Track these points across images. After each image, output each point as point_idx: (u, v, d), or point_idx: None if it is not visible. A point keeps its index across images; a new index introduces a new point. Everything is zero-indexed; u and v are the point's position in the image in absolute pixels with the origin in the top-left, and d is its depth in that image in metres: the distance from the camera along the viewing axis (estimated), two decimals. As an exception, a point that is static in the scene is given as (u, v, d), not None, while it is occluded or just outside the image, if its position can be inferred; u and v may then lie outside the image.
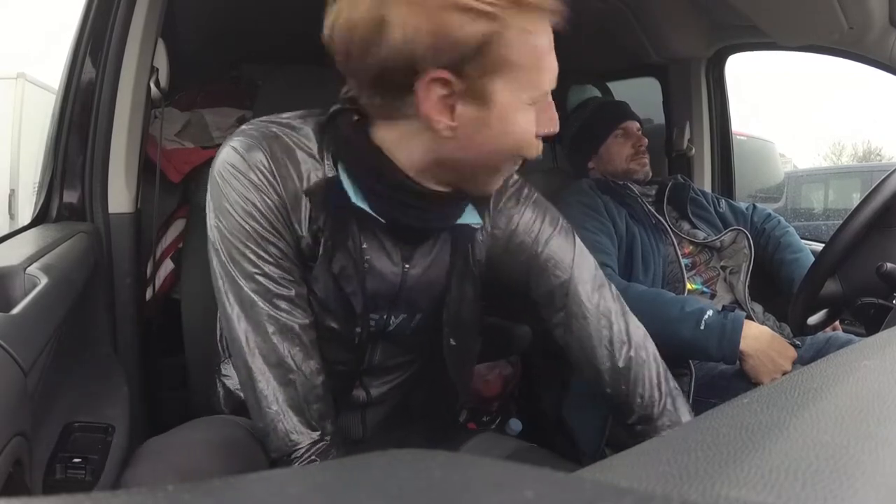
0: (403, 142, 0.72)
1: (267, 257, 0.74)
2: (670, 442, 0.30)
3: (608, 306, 0.87)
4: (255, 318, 0.75)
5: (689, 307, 1.30)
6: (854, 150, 13.48)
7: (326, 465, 0.23)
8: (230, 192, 0.73)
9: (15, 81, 5.13)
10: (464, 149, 0.70)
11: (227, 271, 0.75)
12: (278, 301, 0.75)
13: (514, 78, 0.67)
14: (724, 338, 1.24)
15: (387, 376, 0.91)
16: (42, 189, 1.14)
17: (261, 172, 0.73)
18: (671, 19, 1.81)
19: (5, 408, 0.59)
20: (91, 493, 0.24)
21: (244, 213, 0.73)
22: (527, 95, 0.69)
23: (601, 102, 1.82)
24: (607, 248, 1.47)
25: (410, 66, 0.64)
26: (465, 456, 0.24)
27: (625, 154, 1.65)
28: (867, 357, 0.41)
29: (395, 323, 0.85)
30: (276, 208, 0.73)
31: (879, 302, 1.09)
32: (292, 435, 0.75)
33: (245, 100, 1.77)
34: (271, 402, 0.75)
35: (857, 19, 1.30)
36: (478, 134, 0.69)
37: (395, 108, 0.69)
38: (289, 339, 0.75)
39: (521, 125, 0.70)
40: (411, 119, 0.69)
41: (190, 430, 0.86)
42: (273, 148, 0.74)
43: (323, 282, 0.77)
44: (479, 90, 0.67)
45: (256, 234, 0.73)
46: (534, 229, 0.86)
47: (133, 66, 1.14)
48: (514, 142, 0.71)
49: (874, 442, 0.27)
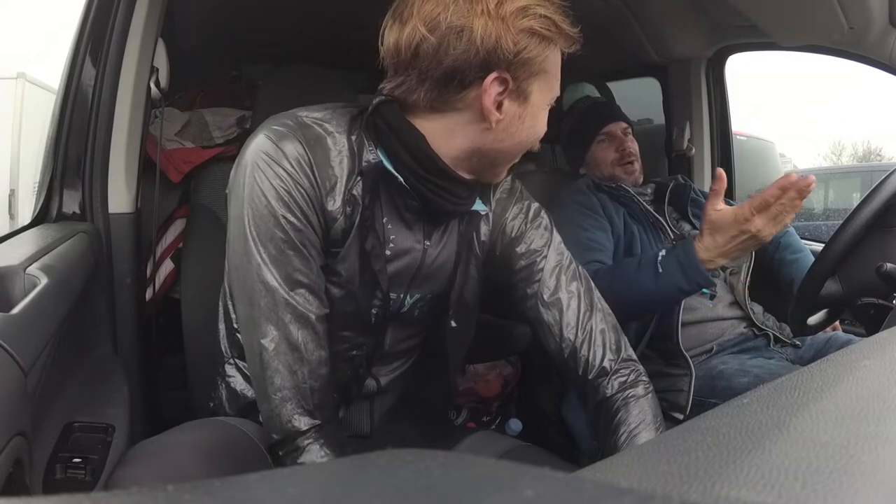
0: (447, 132, 0.81)
1: (293, 244, 0.79)
2: (670, 442, 0.30)
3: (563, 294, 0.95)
4: (274, 304, 0.79)
5: (644, 259, 1.27)
6: (854, 150, 13.49)
7: (326, 465, 0.23)
8: (263, 179, 0.78)
9: (15, 81, 5.13)
10: (501, 140, 0.82)
11: (250, 255, 0.79)
12: (298, 289, 0.80)
13: (545, 82, 0.82)
14: (685, 268, 1.19)
15: (394, 363, 0.96)
16: (42, 189, 1.14)
17: (295, 160, 0.78)
18: (671, 19, 1.80)
19: (5, 408, 0.59)
20: (91, 493, 0.24)
21: (276, 199, 0.78)
22: (547, 98, 0.84)
23: (585, 106, 1.79)
24: (600, 245, 1.47)
25: (484, 67, 0.76)
26: (465, 456, 0.24)
27: (610, 159, 1.64)
28: (867, 357, 0.41)
29: (409, 303, 0.91)
30: (308, 195, 0.79)
31: (879, 302, 1.10)
32: (294, 421, 0.80)
33: (245, 100, 1.78)
34: (278, 387, 0.80)
35: (857, 19, 1.30)
36: (513, 127, 0.82)
37: (448, 102, 0.79)
38: (303, 327, 0.80)
39: (541, 122, 0.85)
40: (460, 112, 0.80)
41: (184, 433, 0.86)
42: (307, 136, 0.80)
43: (350, 261, 0.83)
44: (523, 90, 0.80)
45: (286, 221, 0.78)
46: (519, 218, 0.98)
47: (133, 66, 1.14)
48: (535, 136, 0.85)
49: (874, 442, 0.27)
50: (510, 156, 0.86)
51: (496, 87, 0.78)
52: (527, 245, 0.96)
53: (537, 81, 0.81)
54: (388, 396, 0.99)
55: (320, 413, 0.82)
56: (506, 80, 0.78)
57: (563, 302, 0.94)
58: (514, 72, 0.78)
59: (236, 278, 0.82)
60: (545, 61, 0.80)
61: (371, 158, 0.82)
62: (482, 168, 0.86)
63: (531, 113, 0.82)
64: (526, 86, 0.80)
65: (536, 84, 0.81)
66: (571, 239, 1.49)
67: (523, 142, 0.84)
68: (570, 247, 1.48)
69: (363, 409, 0.96)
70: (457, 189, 0.85)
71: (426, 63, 0.77)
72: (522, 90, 0.80)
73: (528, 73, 0.79)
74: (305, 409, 0.81)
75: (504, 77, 0.78)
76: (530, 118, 0.83)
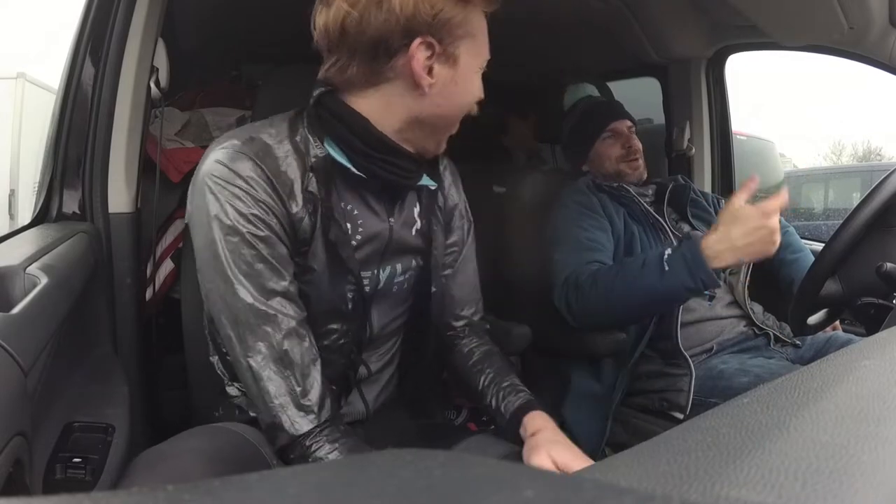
0: (385, 106, 0.85)
1: (262, 257, 0.81)
2: (670, 442, 0.30)
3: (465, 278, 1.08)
4: (254, 318, 0.81)
5: (648, 258, 1.28)
6: (854, 150, 13.49)
7: (326, 465, 0.23)
8: (223, 202, 0.80)
9: (15, 81, 5.13)
10: (438, 105, 0.86)
11: (223, 277, 0.81)
12: (273, 298, 0.82)
13: (472, 46, 0.86)
14: (691, 266, 1.20)
15: (383, 347, 1.00)
16: (42, 189, 1.14)
17: (248, 177, 0.80)
18: (671, 19, 1.81)
19: (5, 408, 0.59)
20: (91, 493, 0.24)
21: (239, 218, 0.80)
22: (477, 62, 0.88)
23: (590, 103, 1.80)
24: (601, 245, 1.47)
25: (407, 32, 0.80)
26: (465, 456, 0.24)
27: (614, 155, 1.64)
28: (867, 357, 0.41)
29: (384, 278, 0.94)
30: (268, 207, 0.81)
31: (879, 302, 1.10)
32: (296, 424, 0.82)
33: (245, 100, 1.78)
34: (273, 395, 0.82)
35: (857, 19, 1.30)
36: (448, 91, 0.85)
37: (380, 74, 0.83)
38: (286, 334, 0.82)
39: (475, 85, 0.89)
40: (393, 82, 0.83)
41: (189, 439, 0.86)
42: (254, 149, 0.82)
43: (319, 255, 0.86)
44: (451, 54, 0.83)
45: (252, 237, 0.81)
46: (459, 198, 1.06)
47: (133, 66, 1.14)
48: (470, 99, 0.89)
49: (874, 442, 0.27)
50: (449, 121, 0.89)
51: (423, 51, 0.81)
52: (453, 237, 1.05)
53: (464, 44, 0.84)
54: (378, 383, 1.01)
55: (321, 410, 0.83)
56: (432, 45, 0.81)
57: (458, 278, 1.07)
58: (438, 36, 0.81)
59: (214, 302, 0.84)
60: (468, 24, 0.84)
61: (318, 153, 0.85)
62: (424, 138, 0.89)
63: (463, 76, 0.86)
64: (453, 49, 0.83)
65: (464, 47, 0.84)
66: (572, 238, 1.49)
67: (460, 105, 0.88)
68: (571, 246, 1.49)
69: (356, 396, 0.98)
70: (403, 163, 0.88)
71: (352, 37, 0.81)
72: (451, 53, 0.83)
73: (454, 36, 0.83)
74: (305, 410, 0.82)
75: (429, 41, 0.81)
76: (464, 81, 0.86)
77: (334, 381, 0.91)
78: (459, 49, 0.84)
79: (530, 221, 1.73)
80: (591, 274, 1.39)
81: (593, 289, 1.37)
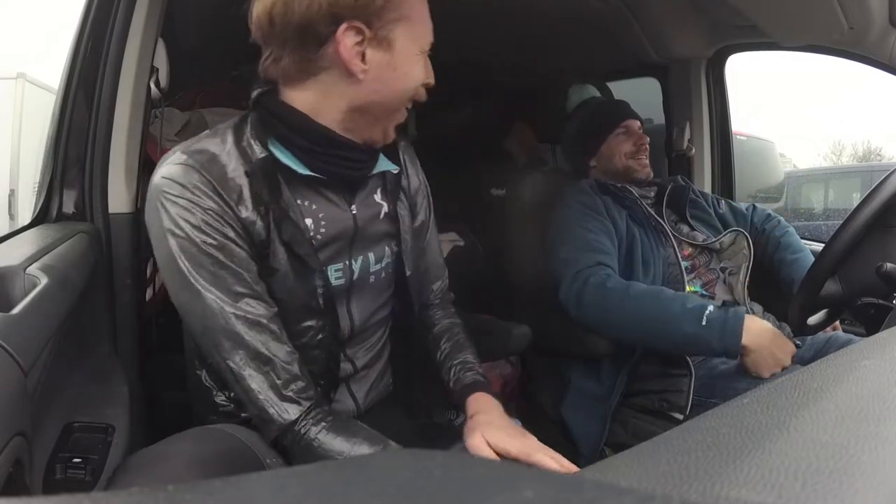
0: (324, 97, 0.85)
1: (222, 263, 0.82)
2: (670, 442, 0.30)
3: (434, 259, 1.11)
4: (225, 322, 0.83)
5: (691, 303, 1.31)
6: (854, 150, 13.49)
7: (326, 465, 0.23)
8: (174, 216, 0.81)
9: (15, 81, 5.13)
10: (376, 91, 0.84)
11: (189, 286, 0.82)
12: (241, 300, 0.83)
13: (409, 29, 0.84)
14: (725, 332, 1.25)
15: (368, 340, 1.00)
16: (42, 189, 1.14)
17: (195, 188, 0.81)
18: (671, 19, 1.81)
19: (5, 408, 0.59)
20: (91, 493, 0.24)
21: (192, 229, 0.81)
22: (417, 45, 0.86)
23: (604, 101, 1.82)
24: (607, 248, 1.47)
25: (332, 17, 0.79)
26: (465, 456, 0.24)
27: (625, 151, 1.66)
28: (867, 357, 0.41)
29: (358, 269, 0.95)
30: (217, 214, 0.82)
31: (879, 302, 1.10)
32: (284, 415, 0.84)
33: (245, 100, 1.77)
34: (258, 391, 0.84)
35: (857, 19, 1.30)
36: (385, 76, 0.84)
37: (313, 62, 0.82)
38: (258, 332, 0.84)
39: (416, 70, 0.86)
40: (328, 71, 0.83)
41: (183, 442, 0.85)
42: (200, 160, 0.83)
43: (279, 255, 0.86)
44: (383, 37, 0.82)
45: (206, 245, 0.82)
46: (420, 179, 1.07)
47: (133, 66, 1.14)
48: (411, 84, 0.87)
49: (874, 442, 0.27)
50: (391, 108, 0.88)
51: (352, 37, 0.80)
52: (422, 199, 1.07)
53: (399, 27, 0.83)
54: (366, 379, 1.01)
55: (305, 399, 0.85)
56: (360, 29, 0.80)
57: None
58: (366, 19, 0.80)
59: (185, 312, 0.85)
60: (400, 7, 0.82)
61: (259, 155, 0.85)
62: (368, 126, 0.88)
63: (401, 60, 0.84)
64: (386, 33, 0.82)
65: (399, 30, 0.83)
66: (577, 238, 1.49)
67: (401, 90, 0.86)
68: (577, 245, 1.49)
69: (344, 393, 0.99)
70: (353, 155, 0.89)
71: (280, 27, 0.81)
72: (383, 37, 0.82)
73: (385, 20, 0.82)
74: (289, 401, 0.85)
75: (357, 26, 0.80)
76: (402, 65, 0.84)
77: (319, 377, 0.92)
78: (394, 32, 0.82)
79: (530, 222, 1.73)
80: (616, 279, 1.39)
81: (616, 296, 1.37)
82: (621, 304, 1.36)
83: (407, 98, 0.88)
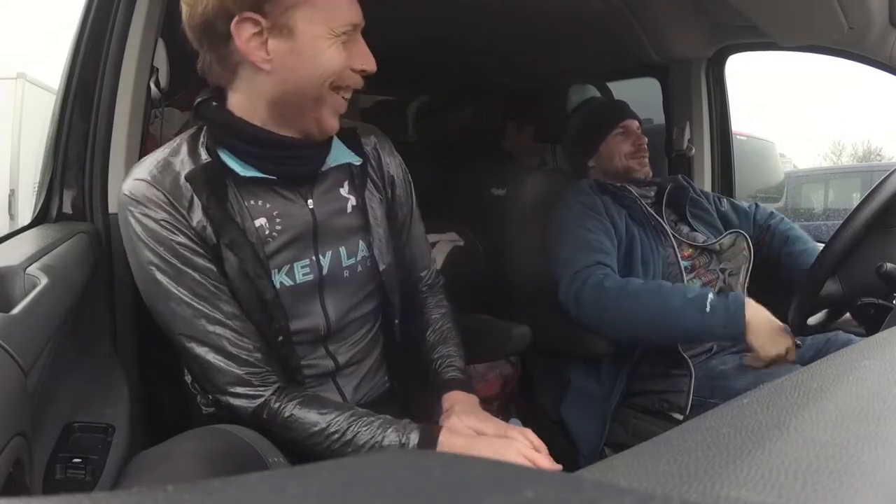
0: (248, 96, 0.87)
1: (179, 269, 0.86)
2: (670, 442, 0.30)
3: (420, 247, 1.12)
4: (186, 321, 0.87)
5: (691, 293, 1.32)
6: (854, 150, 13.50)
7: (326, 465, 0.23)
8: (135, 229, 0.86)
9: (15, 81, 5.13)
10: (286, 80, 0.84)
11: (154, 290, 0.88)
12: (201, 301, 0.87)
13: (310, 13, 0.82)
14: (728, 317, 1.26)
15: (351, 337, 1.01)
16: (42, 189, 1.14)
17: (147, 200, 0.85)
18: (671, 19, 1.80)
19: (5, 408, 0.59)
20: (91, 493, 0.24)
21: (149, 238, 0.86)
22: (326, 28, 0.83)
23: (602, 101, 1.82)
24: (606, 248, 1.47)
25: (224, 12, 0.80)
26: (465, 456, 0.24)
27: (624, 151, 1.66)
28: (867, 357, 0.41)
29: (327, 264, 0.95)
30: (169, 223, 0.86)
31: (879, 302, 1.10)
32: (253, 400, 0.89)
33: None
34: (223, 383, 0.89)
35: (857, 19, 1.30)
36: (291, 63, 0.83)
37: (229, 60, 0.84)
38: (219, 327, 0.88)
39: (328, 54, 0.84)
40: (244, 66, 0.84)
41: (186, 442, 0.85)
42: (153, 172, 0.87)
43: (230, 258, 0.88)
44: (282, 24, 0.81)
45: (165, 251, 0.86)
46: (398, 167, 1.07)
47: (133, 66, 1.14)
48: (325, 69, 0.84)
49: (874, 442, 0.27)
50: (307, 96, 0.86)
51: (248, 28, 0.80)
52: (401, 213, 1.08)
53: (299, 12, 0.81)
54: (353, 376, 1.03)
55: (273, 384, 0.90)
56: (256, 20, 0.80)
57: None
58: (260, 10, 0.80)
59: (157, 315, 0.90)
60: None
61: (203, 159, 0.88)
62: (295, 119, 0.88)
63: (306, 45, 0.82)
64: (285, 20, 0.81)
65: (299, 15, 0.81)
66: (577, 238, 1.49)
67: (311, 76, 0.84)
68: (577, 245, 1.49)
69: (331, 388, 1.00)
70: (292, 152, 0.90)
71: (191, 30, 0.84)
72: (282, 25, 0.81)
73: (282, 7, 0.80)
74: (257, 386, 0.89)
75: (250, 17, 0.80)
76: (307, 50, 0.83)
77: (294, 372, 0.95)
78: (293, 19, 0.81)
79: (530, 221, 1.73)
80: (614, 278, 1.40)
81: (614, 294, 1.37)
82: (619, 302, 1.36)
83: (323, 83, 0.85)
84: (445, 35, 1.94)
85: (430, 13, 1.73)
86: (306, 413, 0.87)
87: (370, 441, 0.86)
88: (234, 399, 0.89)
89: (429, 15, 1.75)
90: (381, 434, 0.86)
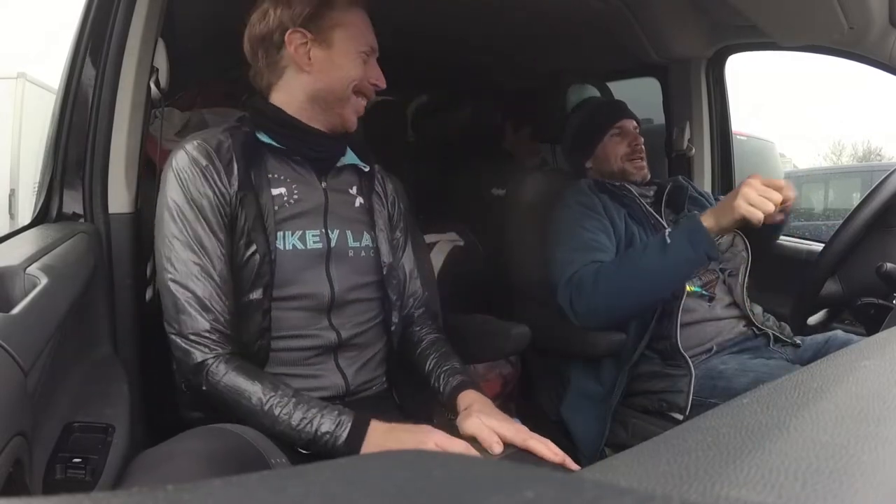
0: (289, 91, 1.07)
1: (200, 216, 0.98)
2: (670, 442, 0.30)
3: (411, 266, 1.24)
4: (187, 262, 0.97)
5: (651, 240, 1.34)
6: (854, 150, 13.51)
7: (326, 465, 0.23)
8: (173, 179, 1.00)
9: (15, 81, 5.13)
10: (321, 80, 1.06)
11: (163, 235, 0.98)
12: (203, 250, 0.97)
13: (345, 33, 1.06)
14: (691, 238, 1.26)
15: (353, 316, 1.08)
16: (42, 189, 1.14)
17: (196, 151, 1.01)
18: (671, 19, 1.81)
19: (5, 408, 0.59)
20: (91, 493, 0.24)
21: (189, 182, 0.99)
22: (354, 45, 1.07)
23: (598, 102, 1.82)
24: (605, 247, 1.47)
25: (281, 27, 1.04)
26: (465, 456, 0.24)
27: (620, 153, 1.66)
28: (867, 357, 0.41)
29: (334, 238, 1.07)
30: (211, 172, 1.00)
31: (879, 302, 1.10)
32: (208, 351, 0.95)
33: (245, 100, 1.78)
34: (190, 326, 0.96)
35: (857, 19, 1.30)
36: (326, 68, 1.06)
37: (276, 64, 1.07)
38: (210, 282, 0.97)
39: (354, 67, 1.07)
40: (288, 69, 1.07)
41: (188, 441, 0.86)
42: (205, 136, 1.04)
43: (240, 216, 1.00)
44: (323, 38, 1.05)
45: (195, 198, 0.99)
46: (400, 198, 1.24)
47: (133, 66, 1.14)
48: (351, 77, 1.07)
49: (874, 442, 0.27)
50: (335, 95, 1.07)
51: (297, 39, 1.04)
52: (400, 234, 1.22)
53: (337, 32, 1.05)
54: (354, 357, 1.07)
55: (226, 345, 0.96)
56: (303, 34, 1.03)
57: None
58: (307, 27, 1.03)
59: (158, 248, 1.00)
60: (334, 17, 1.05)
61: (246, 130, 1.06)
62: (324, 113, 1.08)
63: (339, 56, 1.06)
64: (325, 36, 1.05)
65: (337, 34, 1.05)
66: (574, 238, 1.49)
67: (340, 79, 1.06)
68: (573, 246, 1.49)
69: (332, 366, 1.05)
70: (315, 140, 1.08)
71: (250, 42, 1.08)
72: (323, 39, 1.05)
73: (323, 27, 1.04)
74: (217, 342, 0.96)
75: (300, 31, 1.03)
76: (340, 60, 1.06)
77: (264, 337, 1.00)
78: (332, 36, 1.05)
79: (530, 221, 1.73)
80: (593, 272, 1.40)
81: (596, 285, 1.38)
82: (601, 291, 1.39)
83: (348, 86, 1.07)
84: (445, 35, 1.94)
85: (430, 13, 1.73)
86: (248, 383, 0.93)
87: (302, 423, 0.90)
88: (192, 346, 0.95)
89: (428, 15, 1.75)
90: (317, 418, 0.91)
